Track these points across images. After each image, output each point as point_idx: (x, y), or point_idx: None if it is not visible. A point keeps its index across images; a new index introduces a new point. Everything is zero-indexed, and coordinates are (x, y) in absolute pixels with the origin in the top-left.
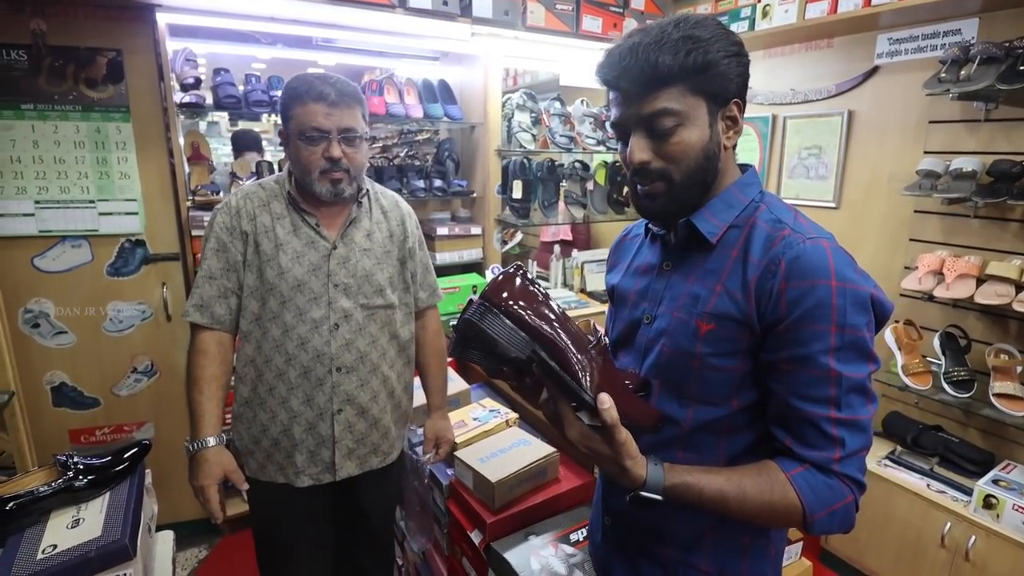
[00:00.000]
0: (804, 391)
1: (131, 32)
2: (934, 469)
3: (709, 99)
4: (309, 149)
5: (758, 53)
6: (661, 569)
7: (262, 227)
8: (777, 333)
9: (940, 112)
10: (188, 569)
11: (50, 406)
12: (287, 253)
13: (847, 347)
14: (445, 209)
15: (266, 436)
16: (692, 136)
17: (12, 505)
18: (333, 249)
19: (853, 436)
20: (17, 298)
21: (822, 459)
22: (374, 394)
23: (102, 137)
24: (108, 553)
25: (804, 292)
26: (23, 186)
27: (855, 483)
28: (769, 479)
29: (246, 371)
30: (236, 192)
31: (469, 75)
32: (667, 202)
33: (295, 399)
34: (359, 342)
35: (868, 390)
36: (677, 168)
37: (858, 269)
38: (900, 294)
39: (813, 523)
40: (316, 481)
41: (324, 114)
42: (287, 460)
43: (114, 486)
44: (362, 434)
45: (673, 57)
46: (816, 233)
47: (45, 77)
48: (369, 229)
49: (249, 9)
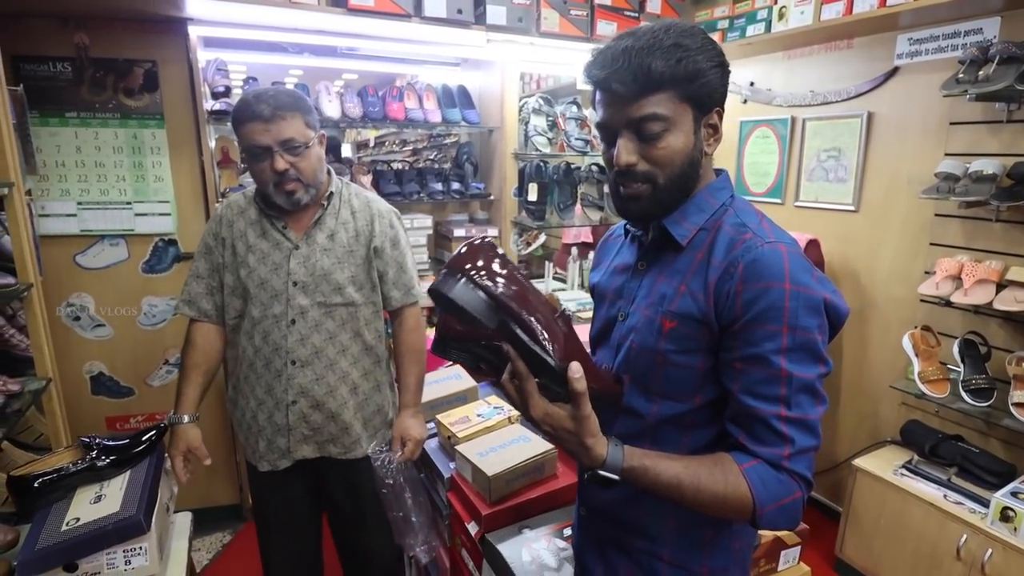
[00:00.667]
0: (756, 389)
1: (165, 44)
2: (952, 480)
3: (695, 106)
4: (257, 166)
5: (777, 55)
6: (628, 559)
7: (238, 232)
8: (733, 332)
9: (961, 113)
10: (213, 552)
11: (89, 394)
12: (255, 254)
13: (798, 348)
14: (463, 211)
15: (243, 421)
16: (678, 142)
17: (38, 483)
18: (295, 249)
19: (802, 435)
20: (60, 293)
21: (772, 455)
22: (330, 388)
23: (138, 143)
24: (124, 527)
25: (759, 294)
26: (67, 188)
27: (803, 480)
28: (723, 470)
29: (233, 362)
30: (224, 201)
31: (487, 80)
32: (649, 205)
33: (259, 388)
34: (314, 338)
35: (818, 391)
36: (662, 172)
37: (816, 274)
38: (920, 299)
39: (762, 516)
40: (273, 467)
41: (261, 131)
42: (255, 445)
43: (134, 466)
44: (318, 425)
45: (665, 63)
46: (776, 237)
47: (87, 87)
48: (333, 229)
49: (273, 21)
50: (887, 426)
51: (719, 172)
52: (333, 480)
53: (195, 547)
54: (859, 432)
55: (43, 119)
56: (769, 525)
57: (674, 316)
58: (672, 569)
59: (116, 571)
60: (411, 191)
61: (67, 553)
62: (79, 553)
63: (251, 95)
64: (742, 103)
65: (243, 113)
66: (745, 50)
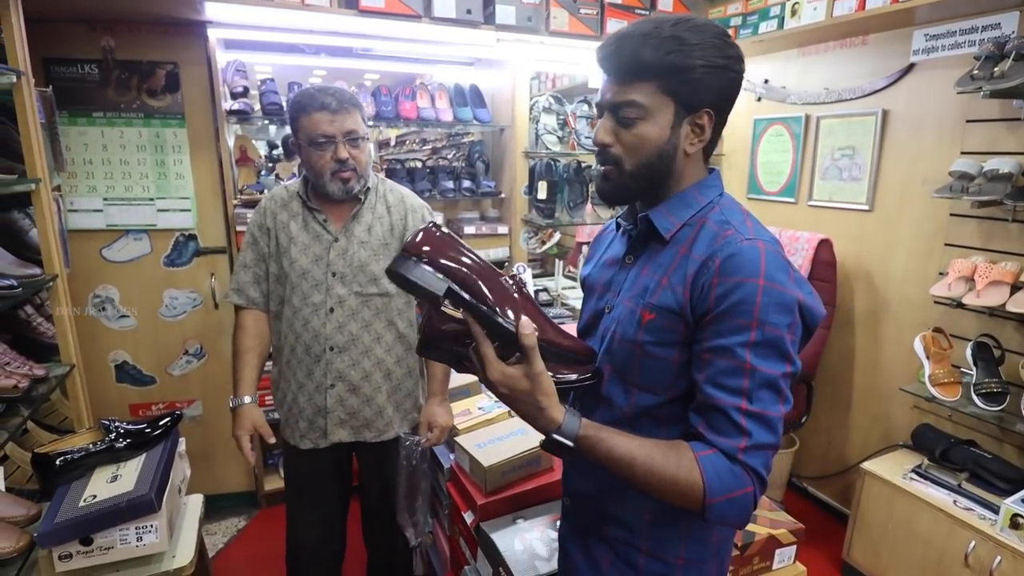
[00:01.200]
0: (719, 380)
1: (186, 46)
2: (962, 485)
3: (678, 102)
4: (319, 154)
5: (791, 52)
6: (608, 547)
7: (280, 224)
8: (704, 324)
9: (978, 111)
10: (228, 537)
11: (114, 381)
12: (297, 246)
13: (765, 344)
14: (475, 209)
15: (284, 403)
16: (651, 132)
17: (59, 461)
18: (335, 241)
19: (760, 429)
20: (87, 284)
21: (728, 446)
22: (366, 374)
23: (160, 141)
24: (136, 505)
25: (732, 288)
26: (94, 185)
27: (757, 476)
28: (678, 454)
29: (277, 346)
30: (267, 194)
31: (499, 79)
32: (614, 187)
33: (300, 372)
34: (351, 325)
35: (781, 390)
36: (629, 158)
37: (793, 275)
38: (934, 301)
39: (711, 506)
40: (315, 445)
41: (328, 121)
42: (293, 425)
43: (150, 449)
44: (354, 408)
45: (654, 53)
46: (756, 235)
47: (113, 88)
48: (370, 223)
49: (287, 23)
50: (899, 430)
51: (712, 171)
52: (365, 463)
53: (211, 531)
54: (871, 435)
55: (72, 119)
56: (718, 517)
57: (653, 308)
58: (649, 559)
59: (128, 547)
60: (423, 189)
61: (83, 527)
62: (94, 528)
63: (313, 89)
64: (756, 101)
65: (310, 103)
66: (758, 47)
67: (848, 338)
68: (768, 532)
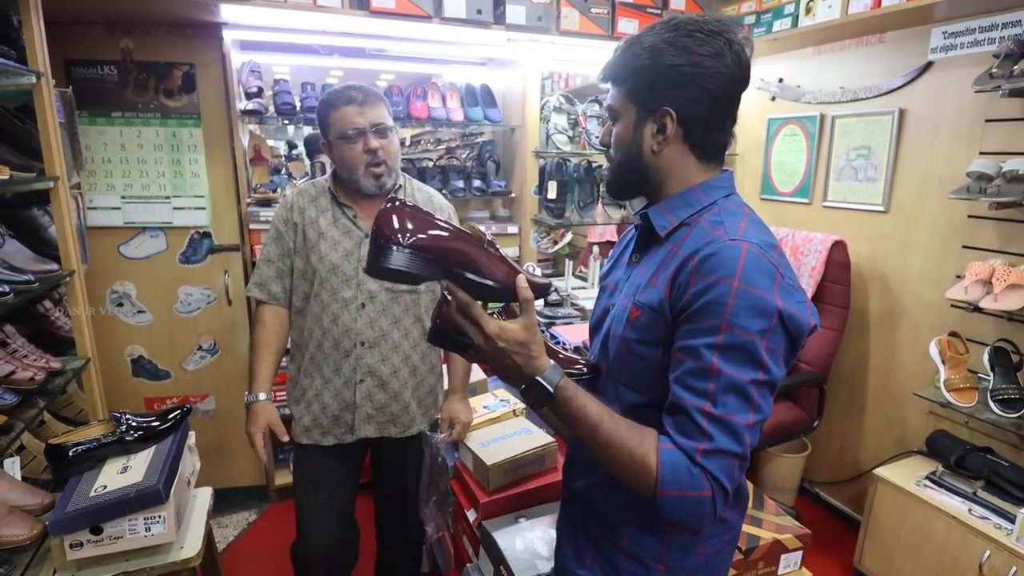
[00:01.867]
0: (686, 380)
1: (202, 48)
2: (977, 493)
3: (637, 104)
4: (350, 147)
5: (807, 50)
6: (593, 545)
7: (309, 219)
8: (678, 323)
9: (998, 110)
10: (239, 530)
11: (130, 375)
12: (327, 241)
13: (733, 347)
14: (485, 208)
15: (304, 399)
16: (620, 132)
17: (72, 452)
18: (365, 237)
19: (721, 435)
20: (105, 280)
21: (688, 447)
22: (394, 369)
23: (177, 141)
24: (144, 496)
25: (706, 287)
26: (112, 183)
27: (715, 482)
28: (641, 436)
29: (299, 342)
30: (294, 189)
31: (510, 79)
32: (607, 182)
33: (327, 367)
34: (382, 321)
35: (751, 397)
36: (614, 156)
37: (779, 280)
38: (950, 305)
39: (661, 498)
40: (339, 441)
41: (357, 113)
42: (314, 423)
43: (159, 441)
44: (382, 404)
45: (620, 60)
46: (743, 236)
47: (131, 88)
48: None
49: (300, 24)
50: (914, 435)
51: (725, 171)
52: (385, 458)
53: (222, 524)
54: (884, 441)
55: (91, 118)
56: (668, 510)
57: (640, 306)
58: (629, 561)
59: (137, 536)
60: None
61: (93, 516)
62: (104, 517)
63: (338, 87)
64: (770, 100)
65: (338, 99)
66: (772, 46)
67: (862, 341)
68: (773, 537)
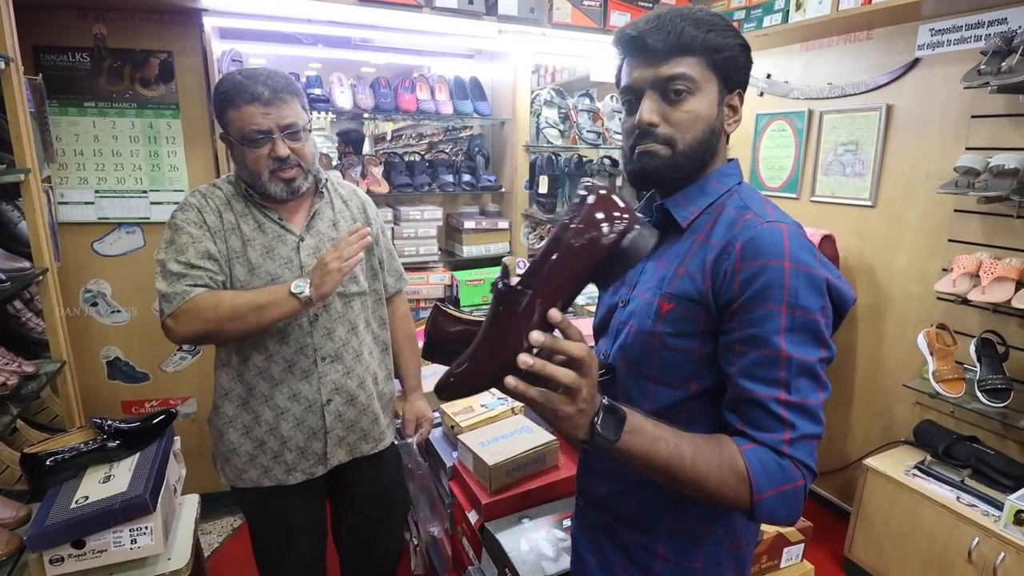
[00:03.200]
0: (754, 372)
1: (181, 35)
2: (965, 481)
3: (721, 79)
4: (254, 152)
5: (795, 46)
6: (622, 551)
7: (228, 225)
8: (731, 313)
9: (983, 107)
10: (223, 536)
11: (106, 379)
12: (255, 249)
13: (798, 328)
14: (474, 203)
15: (248, 439)
16: (702, 107)
17: (50, 461)
18: (301, 241)
19: (802, 420)
20: (79, 279)
21: (772, 441)
22: (360, 381)
23: (154, 132)
24: (130, 506)
25: (757, 272)
26: (85, 177)
27: (806, 468)
28: (719, 449)
29: (220, 374)
30: (192, 193)
31: (500, 72)
32: (663, 165)
33: (280, 395)
34: (339, 330)
35: (819, 375)
36: (682, 137)
37: (819, 256)
38: (937, 297)
39: (760, 502)
40: (309, 476)
41: (262, 114)
42: (273, 460)
43: (143, 448)
44: (352, 421)
45: (697, 30)
46: (777, 218)
47: (105, 77)
48: (333, 219)
49: (285, 11)
50: (901, 426)
51: (731, 160)
52: (359, 478)
53: (206, 531)
54: (872, 431)
55: (62, 108)
56: (767, 514)
57: (672, 298)
58: (666, 565)
59: (122, 549)
60: (422, 183)
61: (75, 530)
62: (87, 530)
63: (240, 75)
64: (758, 96)
65: (238, 95)
66: (762, 41)
67: (850, 334)
68: (776, 530)
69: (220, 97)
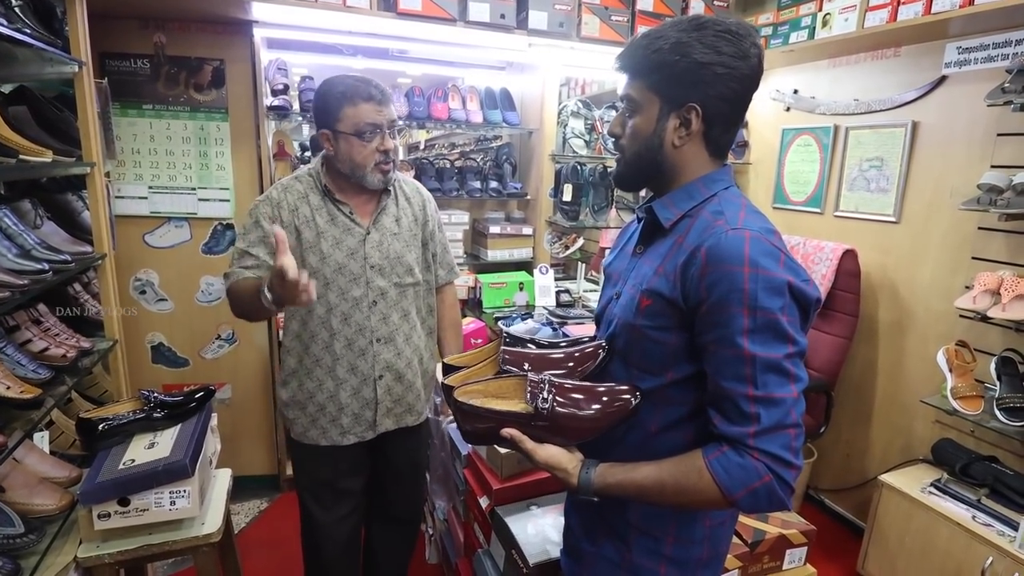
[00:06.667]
0: (724, 370)
1: (232, 44)
2: (981, 500)
3: (661, 97)
4: (365, 145)
5: (822, 62)
6: (602, 521)
7: (303, 218)
8: (701, 316)
9: (1009, 124)
10: (250, 517)
11: (149, 362)
12: (327, 240)
13: (760, 329)
14: (500, 209)
15: (312, 402)
16: (640, 125)
17: (102, 427)
18: (367, 235)
19: (769, 412)
20: (130, 267)
21: (739, 434)
22: (408, 361)
23: (204, 134)
24: (172, 470)
25: (718, 277)
26: (140, 173)
27: (776, 459)
28: (688, 465)
29: (292, 344)
30: (275, 186)
31: (530, 84)
32: (617, 173)
33: (340, 368)
34: (394, 316)
35: (785, 370)
36: (628, 147)
37: (784, 260)
38: (959, 315)
39: (736, 502)
40: (360, 439)
41: (376, 111)
42: (331, 423)
43: (185, 420)
44: (399, 396)
45: (643, 54)
46: (744, 224)
47: (163, 82)
48: (397, 215)
49: (328, 24)
50: (920, 444)
51: (724, 166)
52: (399, 448)
53: (234, 511)
54: (891, 448)
55: (123, 109)
56: (749, 509)
57: (649, 294)
58: (640, 536)
59: (162, 509)
60: (451, 188)
61: (122, 487)
62: (132, 488)
63: (352, 79)
64: (784, 111)
65: (356, 93)
66: (789, 57)
67: (871, 349)
68: (779, 531)
69: (336, 95)
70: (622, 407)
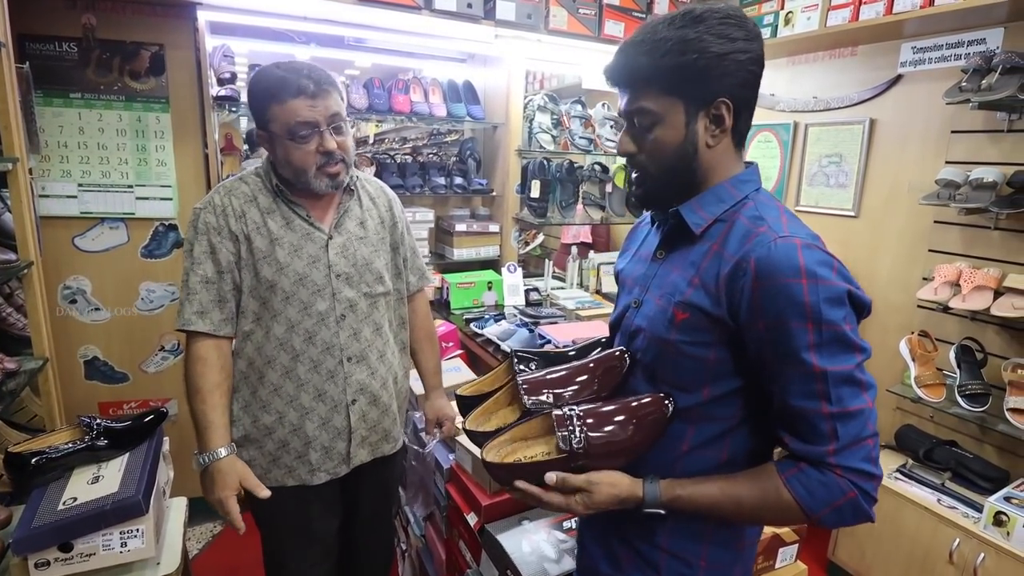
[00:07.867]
0: (794, 388)
1: (173, 28)
2: (945, 484)
3: (686, 99)
4: (302, 148)
5: (781, 60)
6: (628, 547)
7: (253, 224)
8: (757, 331)
9: (962, 122)
10: (203, 542)
11: (82, 379)
12: (283, 247)
13: (827, 342)
14: (465, 206)
15: (271, 439)
16: (667, 136)
17: (35, 461)
18: (329, 239)
19: (846, 427)
20: (58, 275)
21: (817, 453)
22: (383, 381)
23: (142, 126)
24: (122, 508)
25: (775, 291)
26: (68, 169)
27: (859, 473)
28: (763, 485)
29: (246, 373)
30: (217, 189)
31: (493, 76)
32: (644, 192)
33: (305, 395)
34: (365, 331)
35: (858, 380)
36: (653, 163)
37: (836, 267)
38: (917, 305)
39: (819, 520)
40: (333, 475)
41: (308, 107)
42: (298, 461)
43: (133, 448)
44: (375, 422)
45: (649, 59)
46: (791, 232)
47: (93, 68)
48: (361, 217)
49: (282, 8)
50: (881, 431)
51: (749, 164)
52: (374, 485)
53: (186, 536)
54: None
55: (47, 99)
56: (833, 525)
57: (686, 307)
58: (670, 559)
59: (112, 553)
60: (414, 184)
61: (64, 532)
62: (76, 532)
63: (283, 68)
64: None
65: (282, 89)
66: None
67: None
68: (772, 531)
69: (261, 92)
70: (658, 418)
